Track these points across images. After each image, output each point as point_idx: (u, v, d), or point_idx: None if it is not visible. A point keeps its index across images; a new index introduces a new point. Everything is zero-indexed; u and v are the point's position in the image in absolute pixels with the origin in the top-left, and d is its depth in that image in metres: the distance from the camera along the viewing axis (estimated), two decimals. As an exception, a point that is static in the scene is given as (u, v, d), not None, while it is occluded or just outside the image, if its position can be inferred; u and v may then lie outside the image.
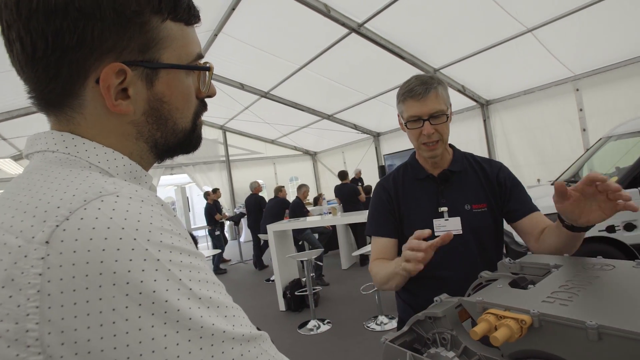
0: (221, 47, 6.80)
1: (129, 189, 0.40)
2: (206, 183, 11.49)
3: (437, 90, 1.17)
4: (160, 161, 0.58)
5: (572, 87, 6.42)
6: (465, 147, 5.70)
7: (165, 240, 0.38)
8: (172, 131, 0.53)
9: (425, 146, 1.19)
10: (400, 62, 6.41)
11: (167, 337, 0.34)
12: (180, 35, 0.50)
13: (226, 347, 0.37)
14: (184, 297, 0.36)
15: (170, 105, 0.51)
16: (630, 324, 0.48)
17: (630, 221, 3.20)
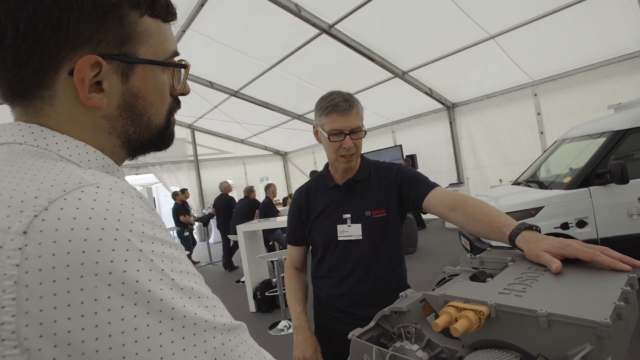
0: (190, 43, 6.63)
1: (108, 180, 0.39)
2: (174, 183, 11.14)
3: (357, 107, 1.28)
4: (132, 158, 0.57)
5: (530, 92, 6.79)
6: (432, 149, 5.91)
7: (147, 231, 0.38)
8: (146, 127, 0.52)
9: (342, 158, 1.27)
10: (370, 64, 6.52)
11: (150, 327, 0.34)
12: (158, 31, 0.50)
13: (208, 336, 0.37)
14: (166, 287, 0.36)
15: (145, 100, 0.50)
16: (575, 311, 0.51)
17: (581, 218, 3.42)
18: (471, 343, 0.64)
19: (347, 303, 1.34)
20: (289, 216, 1.49)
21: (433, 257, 5.85)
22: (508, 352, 0.58)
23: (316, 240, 1.39)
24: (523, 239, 0.81)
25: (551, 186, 3.81)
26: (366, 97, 8.22)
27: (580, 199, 3.43)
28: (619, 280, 0.60)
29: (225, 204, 7.03)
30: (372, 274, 1.30)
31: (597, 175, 3.41)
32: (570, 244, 0.74)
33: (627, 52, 5.46)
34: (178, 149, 11.44)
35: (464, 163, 8.19)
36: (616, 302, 0.52)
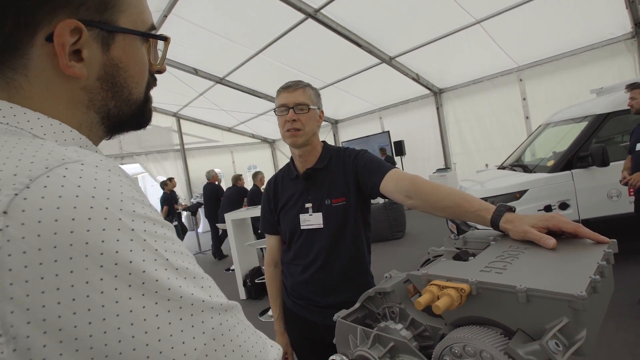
0: (172, 29, 6.44)
1: (93, 158, 0.37)
2: (160, 173, 10.98)
3: (305, 89, 1.32)
4: (109, 136, 0.54)
5: (516, 78, 6.85)
6: (419, 134, 5.93)
7: (138, 210, 0.36)
8: (126, 101, 0.50)
9: (288, 133, 1.30)
10: (356, 49, 6.46)
11: (146, 309, 0.33)
12: (136, 1, 0.48)
13: (206, 316, 0.37)
14: (161, 267, 0.35)
15: (127, 72, 0.48)
16: (553, 285, 0.52)
17: (564, 201, 3.50)
18: (453, 320, 0.65)
19: (309, 290, 1.37)
20: (262, 206, 1.51)
21: (421, 241, 5.94)
22: (489, 328, 0.59)
23: (283, 229, 1.42)
24: (507, 221, 0.82)
25: (535, 170, 3.88)
26: (353, 83, 8.18)
27: (563, 182, 3.51)
28: (595, 256, 0.61)
29: (212, 192, 6.97)
30: (333, 262, 1.33)
31: (579, 158, 3.48)
32: (553, 216, 0.75)
33: (609, 37, 5.54)
34: (164, 138, 11.25)
35: (451, 148, 8.27)
36: (592, 275, 0.53)
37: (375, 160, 1.31)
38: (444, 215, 1.02)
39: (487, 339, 0.56)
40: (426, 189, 1.06)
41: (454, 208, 0.97)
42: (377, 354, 0.68)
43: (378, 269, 4.44)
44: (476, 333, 0.58)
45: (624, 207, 3.29)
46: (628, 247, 3.84)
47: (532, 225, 0.75)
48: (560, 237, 0.74)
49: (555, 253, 0.66)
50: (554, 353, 0.48)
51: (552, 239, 0.69)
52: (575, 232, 0.70)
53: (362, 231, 1.37)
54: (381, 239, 6.36)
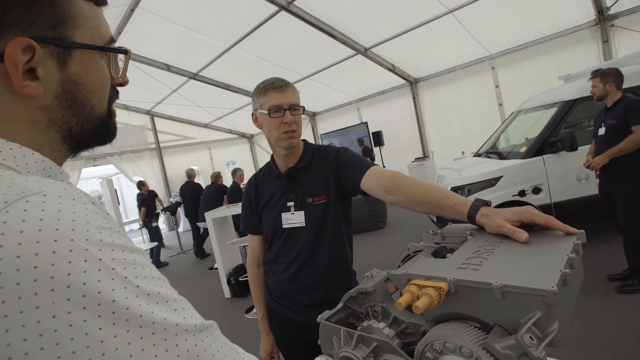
0: (140, 24, 6.23)
1: (56, 187, 0.36)
2: (136, 173, 10.69)
3: (293, 88, 1.31)
4: (74, 154, 0.53)
5: (488, 66, 6.99)
6: (397, 124, 5.97)
7: (105, 238, 0.36)
8: (88, 117, 0.48)
9: (285, 135, 1.27)
10: (331, 41, 6.43)
11: (118, 338, 0.33)
12: (92, 15, 0.47)
13: (180, 339, 0.37)
14: (131, 294, 0.35)
15: (87, 88, 0.47)
16: (526, 281, 0.54)
17: (537, 185, 3.63)
18: (434, 317, 0.67)
19: (291, 289, 1.38)
20: (242, 206, 1.50)
21: (402, 231, 6.04)
22: (468, 324, 0.61)
23: (265, 229, 1.41)
24: (482, 215, 0.83)
25: (509, 156, 4.00)
26: (330, 75, 8.16)
27: (535, 167, 3.63)
28: (565, 248, 0.64)
29: (191, 191, 6.85)
30: (315, 261, 1.33)
31: (549, 144, 3.61)
32: (526, 209, 0.78)
33: (574, 25, 5.71)
34: (137, 137, 10.92)
35: (428, 137, 8.41)
36: (562, 269, 0.55)
37: (356, 158, 1.31)
38: (423, 210, 1.03)
39: (465, 335, 0.58)
40: (405, 184, 1.07)
41: (433, 203, 0.99)
42: (361, 354, 0.69)
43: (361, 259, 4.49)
44: (455, 329, 0.60)
45: (592, 190, 3.44)
46: (595, 226, 4.04)
47: (506, 219, 0.77)
48: (532, 229, 0.77)
49: (528, 247, 0.69)
50: (529, 347, 0.50)
51: (524, 233, 0.71)
52: (547, 225, 0.73)
53: (343, 228, 1.38)
54: (363, 229, 6.44)
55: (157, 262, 6.98)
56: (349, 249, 1.42)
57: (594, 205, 3.46)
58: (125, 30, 6.43)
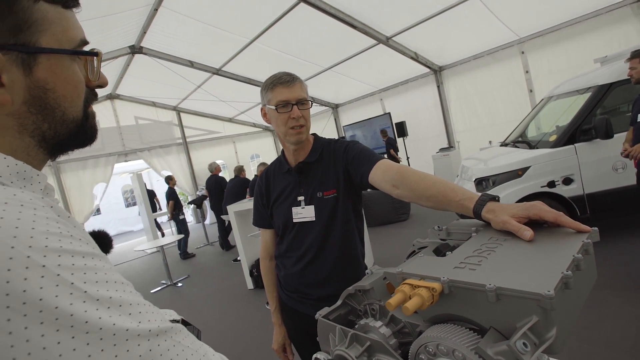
0: (164, 22, 6.36)
1: (4, 194, 0.36)
2: (164, 167, 11.04)
3: (301, 82, 1.30)
4: (53, 158, 0.54)
5: (517, 50, 6.66)
6: (421, 114, 5.82)
7: (52, 244, 0.36)
8: (61, 121, 0.48)
9: (293, 130, 1.27)
10: (352, 31, 6.32)
11: (62, 345, 0.32)
12: (59, 18, 0.46)
13: (131, 344, 0.36)
14: (77, 300, 0.34)
15: (56, 93, 0.47)
16: (522, 284, 0.50)
17: (568, 175, 3.44)
18: (429, 318, 0.64)
19: (302, 283, 1.38)
20: (254, 200, 1.51)
21: (426, 223, 5.93)
22: (462, 326, 0.58)
23: (276, 223, 1.42)
24: (488, 210, 0.79)
25: (538, 145, 3.81)
26: (352, 66, 8.05)
27: (566, 157, 3.44)
28: (572, 248, 0.59)
29: (216, 184, 7.00)
30: (325, 255, 1.33)
31: (582, 131, 3.41)
32: (535, 204, 0.73)
33: (614, 2, 5.32)
34: (165, 133, 11.25)
35: (454, 126, 8.15)
36: (564, 271, 0.51)
37: (364, 151, 1.29)
38: (430, 204, 1.00)
39: (459, 339, 0.55)
40: (412, 178, 1.04)
41: (439, 197, 0.95)
42: (354, 353, 0.67)
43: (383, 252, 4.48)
44: (449, 332, 0.57)
45: (630, 180, 3.22)
46: (633, 220, 3.80)
47: (512, 215, 0.73)
48: (542, 226, 0.72)
49: (533, 245, 0.65)
50: (522, 354, 0.47)
51: (529, 230, 0.67)
52: (555, 221, 0.68)
53: (353, 223, 1.36)
54: (386, 221, 6.37)
55: (184, 253, 7.21)
56: (359, 244, 1.40)
57: (631, 196, 3.24)
58: (149, 30, 6.59)
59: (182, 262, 6.99)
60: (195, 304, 4.54)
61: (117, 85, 9.52)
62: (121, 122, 10.39)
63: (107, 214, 15.39)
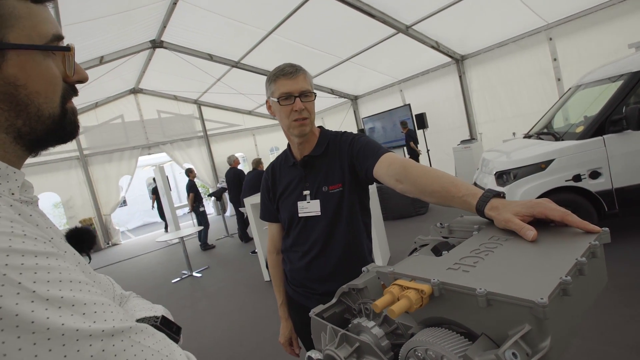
0: (183, 16, 6.44)
1: None
2: (186, 160, 11.29)
3: (305, 74, 1.26)
4: (33, 154, 0.54)
5: (545, 37, 6.35)
6: (442, 105, 5.66)
7: (1, 244, 0.35)
8: (36, 118, 0.48)
9: (296, 122, 1.25)
10: (370, 21, 6.20)
11: (7, 344, 0.32)
12: (28, 13, 0.46)
13: (81, 344, 0.36)
14: (24, 300, 0.34)
15: (28, 89, 0.46)
16: (514, 289, 0.47)
17: (595, 169, 3.27)
18: (422, 320, 0.61)
19: (307, 277, 1.37)
20: (261, 194, 1.50)
21: (444, 217, 5.79)
22: (453, 332, 0.55)
23: (282, 217, 1.41)
24: (492, 208, 0.75)
25: (564, 137, 3.63)
26: (370, 57, 7.91)
27: (594, 149, 3.27)
28: (577, 250, 0.54)
29: (234, 177, 7.08)
30: (330, 250, 1.31)
31: (612, 122, 3.22)
32: (540, 202, 0.68)
33: (651, -17, 4.97)
34: (186, 126, 11.47)
35: (476, 118, 7.90)
36: (563, 277, 0.47)
37: (370, 145, 1.25)
38: (433, 200, 0.96)
39: (448, 344, 0.52)
40: (415, 172, 1.00)
41: (442, 193, 0.91)
42: (343, 354, 0.65)
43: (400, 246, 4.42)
44: (439, 337, 0.55)
45: (664, 173, 3.03)
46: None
47: (515, 213, 0.68)
48: (549, 225, 0.68)
49: (535, 246, 0.60)
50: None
51: (532, 230, 0.62)
52: (562, 221, 0.63)
53: (359, 217, 1.33)
54: (405, 215, 6.28)
55: (204, 244, 7.37)
56: (365, 239, 1.37)
57: (665, 191, 3.05)
58: (169, 24, 6.69)
59: (202, 253, 7.15)
60: (213, 294, 4.63)
61: (140, 80, 9.74)
62: (144, 116, 10.67)
63: (133, 205, 15.91)
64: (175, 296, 4.86)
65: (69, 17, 5.16)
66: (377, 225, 4.21)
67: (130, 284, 5.85)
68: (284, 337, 1.49)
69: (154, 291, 5.22)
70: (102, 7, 5.40)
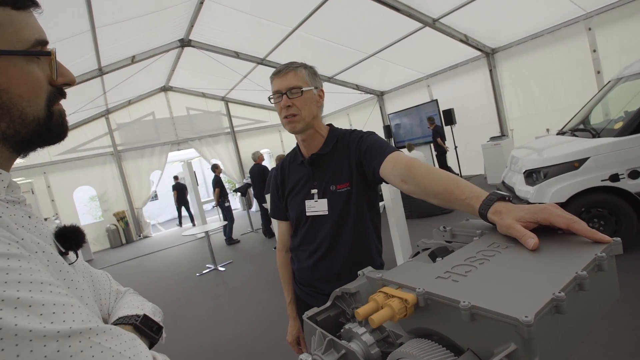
0: (210, 15, 6.56)
1: None
2: (213, 156, 11.56)
3: (297, 70, 1.24)
4: (23, 155, 0.55)
5: (584, 27, 5.98)
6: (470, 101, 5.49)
7: None
8: (20, 121, 0.49)
9: (286, 119, 1.24)
10: (395, 14, 6.06)
11: None
12: (8, 20, 0.47)
13: (35, 345, 0.36)
14: None
15: (10, 93, 0.48)
16: (500, 305, 0.43)
17: (635, 168, 3.04)
18: (410, 330, 0.58)
19: (314, 277, 1.35)
20: (270, 192, 1.50)
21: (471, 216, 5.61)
22: (439, 345, 0.51)
23: (291, 215, 1.40)
24: (495, 212, 0.70)
25: (601, 134, 3.40)
26: (396, 52, 7.76)
27: (635, 147, 3.05)
28: (579, 262, 0.50)
29: (258, 173, 7.17)
30: (337, 250, 1.29)
31: (655, 117, 2.98)
32: (546, 207, 0.63)
33: None
34: (214, 122, 11.73)
35: (507, 113, 7.58)
36: (556, 293, 0.43)
37: (377, 143, 1.22)
38: (437, 202, 0.91)
39: (431, 358, 0.49)
40: (419, 173, 0.96)
41: (445, 195, 0.87)
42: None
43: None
44: (424, 350, 0.52)
45: None
46: None
47: (518, 219, 0.64)
48: (557, 232, 0.62)
49: (535, 256, 0.56)
50: (491, 386, 0.40)
51: (534, 238, 0.58)
52: (567, 228, 0.58)
53: (367, 218, 1.30)
54: (430, 214, 6.15)
55: (229, 239, 7.52)
56: (374, 240, 1.34)
57: None
58: (197, 23, 6.84)
59: (227, 247, 7.30)
60: (236, 289, 4.72)
61: (170, 78, 10.04)
62: (174, 113, 11.00)
63: (164, 199, 16.48)
64: (199, 289, 4.99)
65: (102, 19, 5.39)
66: (399, 224, 4.14)
67: (157, 276, 6.07)
68: (292, 336, 1.49)
69: (179, 284, 5.39)
70: (133, 9, 5.60)
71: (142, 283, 5.81)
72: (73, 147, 9.53)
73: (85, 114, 8.96)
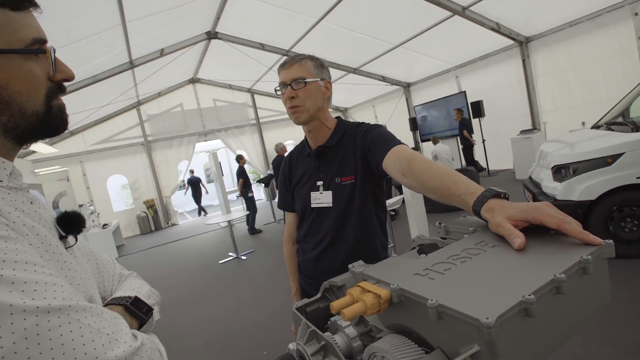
0: (236, 8, 6.62)
1: None
2: (239, 147, 11.76)
3: (302, 62, 1.25)
4: (26, 145, 0.59)
5: (629, 12, 5.57)
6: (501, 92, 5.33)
7: None
8: (19, 115, 0.53)
9: (290, 110, 1.26)
10: (423, 3, 5.88)
11: None
12: (7, 20, 0.50)
13: (16, 318, 0.39)
14: None
15: (9, 89, 0.51)
16: (465, 304, 0.42)
17: (675, 165, 2.83)
18: (388, 325, 0.58)
19: (317, 269, 1.36)
20: (279, 183, 1.52)
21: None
22: (412, 342, 0.51)
23: (297, 207, 1.41)
24: (488, 209, 0.68)
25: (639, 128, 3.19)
26: (424, 42, 7.55)
27: (676, 142, 2.83)
28: (561, 264, 0.47)
29: (280, 164, 7.24)
30: (340, 242, 1.29)
31: (701, 111, 2.75)
32: (537, 206, 0.61)
33: None
34: (240, 114, 11.91)
35: (540, 106, 7.24)
36: (527, 295, 0.41)
37: (383, 136, 1.20)
38: (434, 197, 0.89)
39: (402, 355, 0.49)
40: (418, 167, 0.94)
41: (442, 190, 0.85)
42: (311, 350, 0.65)
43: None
44: (396, 346, 0.51)
45: None
46: None
47: (509, 217, 0.61)
48: (549, 232, 0.60)
49: (520, 256, 0.54)
50: (452, 387, 0.40)
51: (520, 237, 0.56)
52: (557, 228, 0.56)
53: (371, 211, 1.30)
54: (446, 208, 6.00)
55: (252, 228, 7.67)
56: (379, 234, 1.33)
57: None
58: (222, 15, 6.92)
59: (249, 237, 7.46)
60: (255, 277, 4.83)
61: (197, 70, 10.26)
62: (201, 104, 11.25)
63: (192, 188, 16.96)
64: (221, 276, 5.14)
65: (132, 13, 5.56)
66: (418, 218, 4.08)
67: (183, 263, 6.30)
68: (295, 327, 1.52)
69: (202, 271, 5.56)
70: (161, 3, 5.74)
71: (168, 269, 6.04)
72: (107, 137, 9.98)
73: (118, 105, 9.33)
